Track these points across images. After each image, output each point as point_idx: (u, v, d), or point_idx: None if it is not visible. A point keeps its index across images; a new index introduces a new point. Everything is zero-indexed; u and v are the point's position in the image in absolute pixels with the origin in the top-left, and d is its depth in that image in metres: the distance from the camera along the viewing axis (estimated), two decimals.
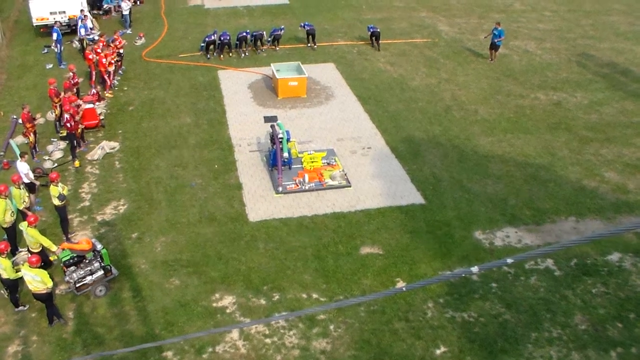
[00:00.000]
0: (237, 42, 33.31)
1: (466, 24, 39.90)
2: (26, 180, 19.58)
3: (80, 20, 32.76)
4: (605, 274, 17.62)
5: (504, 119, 26.81)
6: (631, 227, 6.08)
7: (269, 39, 34.10)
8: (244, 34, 33.42)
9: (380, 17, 40.64)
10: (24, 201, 18.14)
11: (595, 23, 41.74)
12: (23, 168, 19.74)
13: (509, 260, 7.21)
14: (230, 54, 33.27)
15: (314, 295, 16.71)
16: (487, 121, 26.54)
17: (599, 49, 36.49)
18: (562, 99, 29.06)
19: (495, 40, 32.99)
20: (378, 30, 34.80)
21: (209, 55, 32.73)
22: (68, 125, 22.26)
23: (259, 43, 33.93)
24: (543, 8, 45.11)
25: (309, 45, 34.64)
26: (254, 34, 33.71)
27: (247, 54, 33.30)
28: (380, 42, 34.60)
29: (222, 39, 32.85)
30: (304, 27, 34.71)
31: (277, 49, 34.14)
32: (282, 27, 34.80)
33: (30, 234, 16.46)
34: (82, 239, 17.45)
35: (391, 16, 40.88)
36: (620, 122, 26.90)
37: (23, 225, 16.76)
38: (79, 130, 23.38)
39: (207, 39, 32.81)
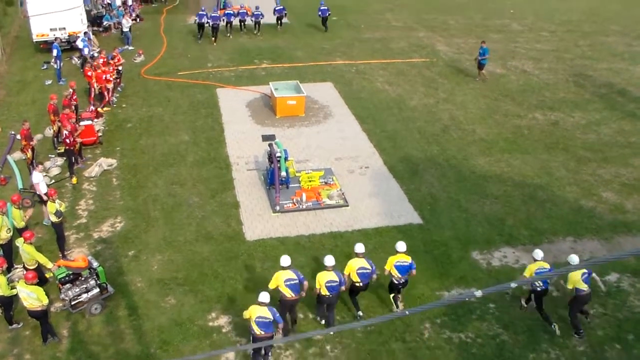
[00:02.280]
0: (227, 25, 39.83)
1: (464, 44, 40.10)
2: (38, 192, 19.64)
3: (84, 40, 33.01)
4: (603, 294, 17.53)
5: (501, 139, 26.84)
6: None
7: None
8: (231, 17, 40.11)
9: (379, 37, 40.89)
10: (24, 220, 18.09)
11: (593, 44, 42.03)
12: (37, 178, 19.80)
13: (513, 285, 7.15)
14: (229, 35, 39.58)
15: (311, 316, 16.62)
16: (484, 141, 26.57)
17: (597, 69, 36.69)
18: (559, 119, 29.13)
19: (480, 59, 33.14)
20: (328, 14, 41.69)
21: (200, 40, 38.56)
22: (67, 141, 22.23)
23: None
24: (540, 28, 45.45)
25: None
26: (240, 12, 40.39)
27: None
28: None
29: (212, 23, 38.28)
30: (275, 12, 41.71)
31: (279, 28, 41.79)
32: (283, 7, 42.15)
33: (26, 251, 16.36)
34: (79, 256, 17.35)
35: (389, 36, 41.10)
36: (618, 142, 26.94)
37: (19, 242, 16.67)
38: (77, 147, 23.37)
39: (197, 19, 38.59)
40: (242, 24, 40.79)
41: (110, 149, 25.06)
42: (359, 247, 16.37)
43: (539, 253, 16.35)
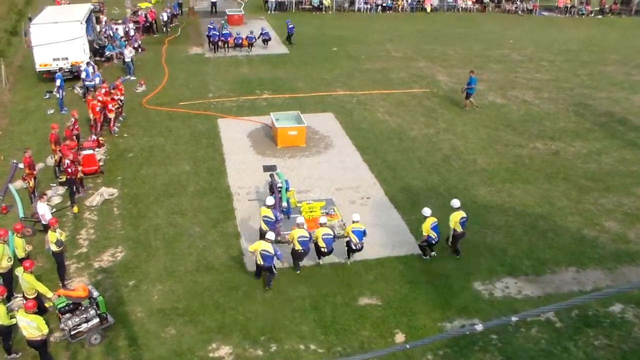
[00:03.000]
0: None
1: (464, 74, 40.20)
2: (44, 222, 19.62)
3: (87, 70, 33.25)
4: (607, 325, 17.42)
5: (502, 169, 26.85)
6: None
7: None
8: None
9: (379, 67, 41.13)
10: (25, 250, 18.03)
11: (592, 73, 42.35)
12: (41, 209, 19.83)
13: (514, 319, 7.08)
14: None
15: (312, 347, 16.47)
16: (485, 171, 26.58)
17: (596, 98, 36.89)
18: (560, 149, 29.17)
19: (466, 88, 33.55)
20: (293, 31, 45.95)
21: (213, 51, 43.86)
22: (69, 170, 22.26)
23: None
24: (540, 58, 45.76)
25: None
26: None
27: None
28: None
29: (222, 37, 43.60)
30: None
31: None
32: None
33: (26, 280, 16.29)
34: (79, 285, 17.30)
35: (390, 66, 41.33)
36: (619, 172, 26.96)
37: (19, 271, 16.61)
38: (79, 176, 23.39)
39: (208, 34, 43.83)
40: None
41: (111, 178, 25.06)
42: (323, 219, 19.83)
43: (456, 202, 20.55)
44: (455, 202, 20.57)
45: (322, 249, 19.35)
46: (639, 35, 56.96)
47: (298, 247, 18.95)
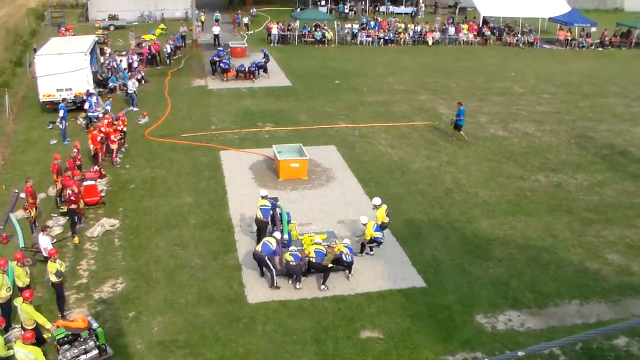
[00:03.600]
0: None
1: (466, 107, 40.30)
2: (45, 255, 19.49)
3: (92, 100, 33.50)
4: (612, 359, 17.25)
5: (504, 201, 26.82)
6: None
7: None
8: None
9: (382, 100, 41.29)
10: (27, 276, 17.98)
11: (593, 105, 42.53)
12: (44, 242, 19.82)
13: (520, 353, 6.99)
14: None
15: None
16: (487, 204, 26.54)
17: (598, 130, 37.00)
18: (562, 181, 29.16)
19: (455, 119, 33.82)
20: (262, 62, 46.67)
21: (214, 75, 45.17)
22: (72, 199, 22.24)
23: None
24: (542, 91, 45.96)
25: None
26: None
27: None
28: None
29: (222, 65, 44.81)
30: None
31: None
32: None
33: (25, 310, 16.20)
34: (78, 316, 17.22)
35: (392, 99, 41.48)
36: (622, 203, 26.91)
37: (18, 301, 16.52)
38: (81, 206, 23.38)
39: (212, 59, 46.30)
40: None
41: (112, 209, 25.04)
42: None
43: (377, 200, 23.04)
44: (377, 200, 23.06)
45: (312, 259, 20.18)
46: (638, 68, 57.26)
47: (290, 258, 19.91)
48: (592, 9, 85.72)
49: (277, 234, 20.78)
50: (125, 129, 30.77)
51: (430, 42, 62.86)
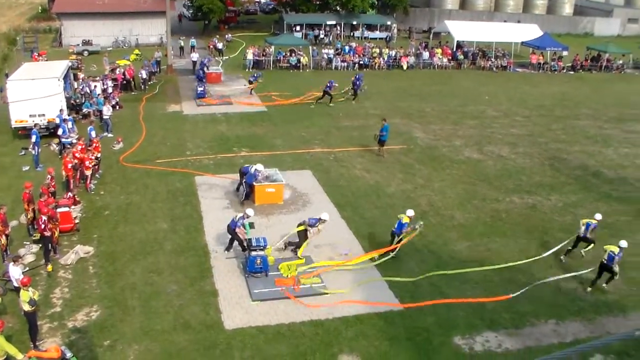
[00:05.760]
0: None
1: (441, 130, 40.79)
2: (15, 285, 19.22)
3: (66, 126, 33.22)
4: None
5: (480, 224, 26.97)
6: None
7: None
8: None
9: (357, 125, 41.41)
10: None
11: (566, 127, 43.20)
12: (15, 273, 19.50)
13: None
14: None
15: None
16: (463, 226, 26.67)
17: (570, 152, 37.53)
18: (537, 202, 29.44)
19: (379, 135, 34.68)
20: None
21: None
22: (43, 226, 21.97)
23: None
24: (515, 113, 46.52)
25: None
26: None
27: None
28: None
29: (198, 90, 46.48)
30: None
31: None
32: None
33: None
34: (51, 346, 16.93)
35: (367, 123, 41.60)
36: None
37: None
38: (56, 235, 23.11)
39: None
40: None
41: (87, 236, 24.77)
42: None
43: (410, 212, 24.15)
44: (325, 215, 24.18)
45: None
46: (609, 90, 58.29)
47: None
48: (564, 33, 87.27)
49: (250, 211, 23.65)
50: (99, 155, 30.50)
51: (404, 67, 63.36)
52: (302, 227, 23.55)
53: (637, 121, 46.43)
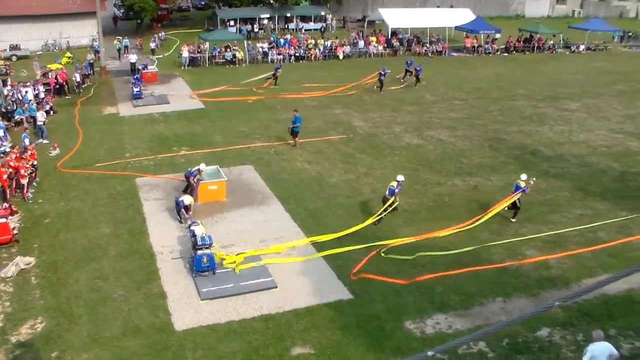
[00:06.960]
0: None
1: (380, 118, 41.04)
2: None
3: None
4: (537, 350, 17.73)
5: (423, 208, 27.26)
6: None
7: None
8: None
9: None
10: None
11: (502, 108, 44.06)
12: None
13: (430, 353, 7.07)
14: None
15: None
16: (407, 212, 26.90)
17: (508, 132, 38.34)
18: (478, 184, 29.93)
19: (292, 127, 35.01)
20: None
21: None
22: None
23: None
24: (452, 97, 47.19)
25: None
26: None
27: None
28: None
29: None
30: None
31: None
32: None
33: None
34: None
35: (306, 114, 41.38)
36: (536, 201, 27.83)
37: None
38: None
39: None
40: None
41: (27, 246, 24.13)
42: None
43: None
44: None
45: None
46: (542, 70, 59.63)
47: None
48: (495, 16, 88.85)
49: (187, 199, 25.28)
50: (35, 162, 29.77)
51: (341, 57, 63.61)
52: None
53: (570, 99, 47.72)
